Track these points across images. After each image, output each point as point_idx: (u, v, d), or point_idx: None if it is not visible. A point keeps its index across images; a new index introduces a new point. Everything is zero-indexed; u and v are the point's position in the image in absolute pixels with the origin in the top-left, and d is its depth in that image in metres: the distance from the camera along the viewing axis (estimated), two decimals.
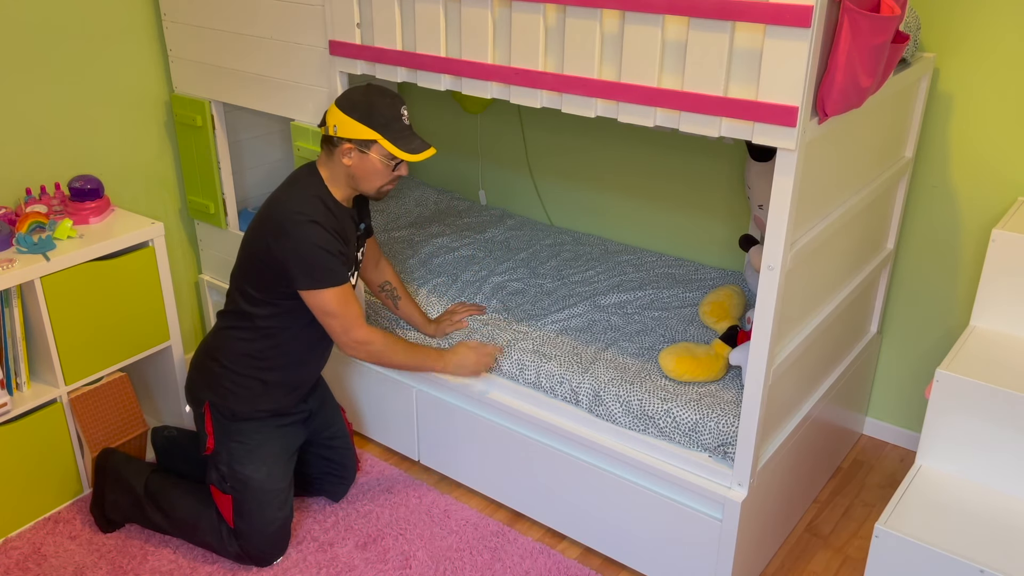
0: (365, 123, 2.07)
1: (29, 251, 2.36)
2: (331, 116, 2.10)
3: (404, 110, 2.12)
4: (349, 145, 2.08)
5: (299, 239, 2.07)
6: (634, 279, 2.75)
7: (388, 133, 2.08)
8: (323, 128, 2.14)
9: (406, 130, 2.11)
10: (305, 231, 2.07)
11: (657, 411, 2.12)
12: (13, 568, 2.30)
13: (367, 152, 2.09)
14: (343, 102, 2.09)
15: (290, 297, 2.15)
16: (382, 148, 2.09)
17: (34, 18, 2.51)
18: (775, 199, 1.75)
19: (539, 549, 2.36)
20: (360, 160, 2.10)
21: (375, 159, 2.10)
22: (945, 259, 2.56)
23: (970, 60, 2.35)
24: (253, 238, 2.17)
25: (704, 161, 2.81)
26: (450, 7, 2.06)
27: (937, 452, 2.03)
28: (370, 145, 2.08)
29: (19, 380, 2.42)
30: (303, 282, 2.09)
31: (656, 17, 1.72)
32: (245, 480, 2.22)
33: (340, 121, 2.08)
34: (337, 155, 2.11)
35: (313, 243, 2.07)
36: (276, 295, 2.16)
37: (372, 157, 2.09)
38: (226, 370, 2.24)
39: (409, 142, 2.10)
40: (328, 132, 2.11)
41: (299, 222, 2.07)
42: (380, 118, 2.07)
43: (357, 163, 2.11)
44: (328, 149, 2.14)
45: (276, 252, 2.09)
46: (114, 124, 2.78)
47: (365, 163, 2.10)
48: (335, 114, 2.09)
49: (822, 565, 2.35)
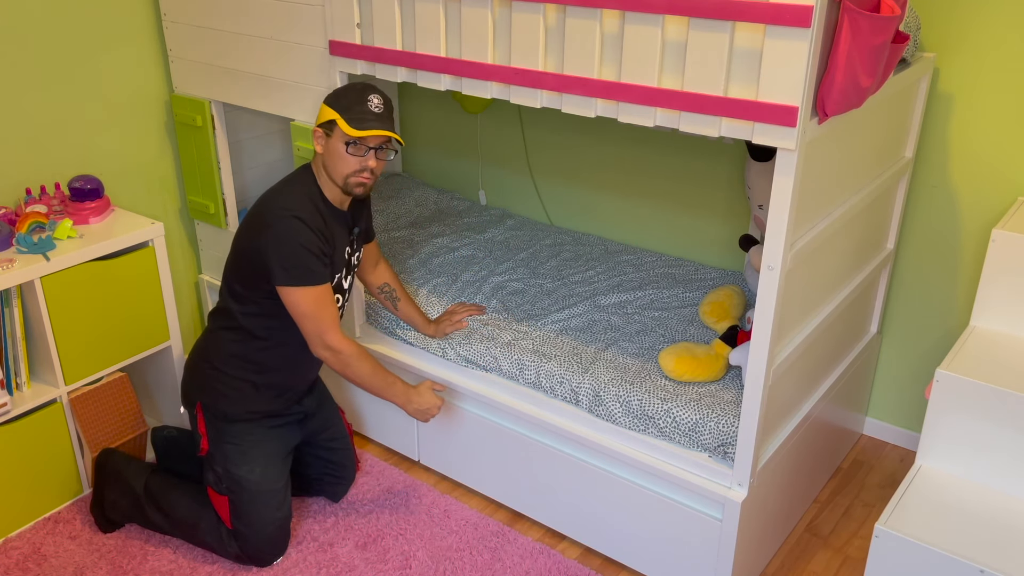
0: (330, 105, 2.08)
1: (29, 251, 2.36)
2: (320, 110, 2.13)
3: (374, 98, 2.09)
4: (318, 129, 2.10)
5: (280, 233, 2.05)
6: (634, 279, 2.75)
7: (347, 114, 2.06)
8: None
9: (367, 114, 2.07)
10: (287, 226, 2.05)
11: (657, 411, 2.12)
12: (13, 568, 2.30)
13: (331, 135, 2.09)
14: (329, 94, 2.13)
15: (274, 296, 2.13)
16: (339, 130, 2.06)
17: (34, 19, 2.51)
18: (775, 199, 1.75)
19: (539, 549, 2.36)
20: (327, 145, 2.10)
21: (335, 142, 2.08)
22: (945, 259, 2.56)
23: (970, 60, 2.35)
24: (241, 235, 2.17)
25: (704, 161, 2.81)
26: (450, 7, 2.06)
27: (937, 452, 2.03)
28: (332, 127, 2.08)
29: (19, 380, 2.42)
30: (279, 277, 2.07)
31: (656, 17, 1.72)
32: (239, 481, 2.22)
33: (320, 110, 2.11)
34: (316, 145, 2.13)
35: (294, 239, 2.05)
36: (262, 293, 2.15)
37: (334, 140, 2.09)
38: (217, 371, 2.24)
39: (363, 122, 2.06)
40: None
41: (282, 216, 2.06)
42: (344, 100, 2.07)
43: (325, 149, 2.11)
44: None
45: (259, 246, 2.08)
46: (114, 124, 2.78)
47: (330, 147, 2.10)
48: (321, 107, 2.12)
49: (822, 565, 2.35)
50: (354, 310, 2.63)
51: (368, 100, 2.08)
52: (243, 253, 2.15)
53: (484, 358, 2.40)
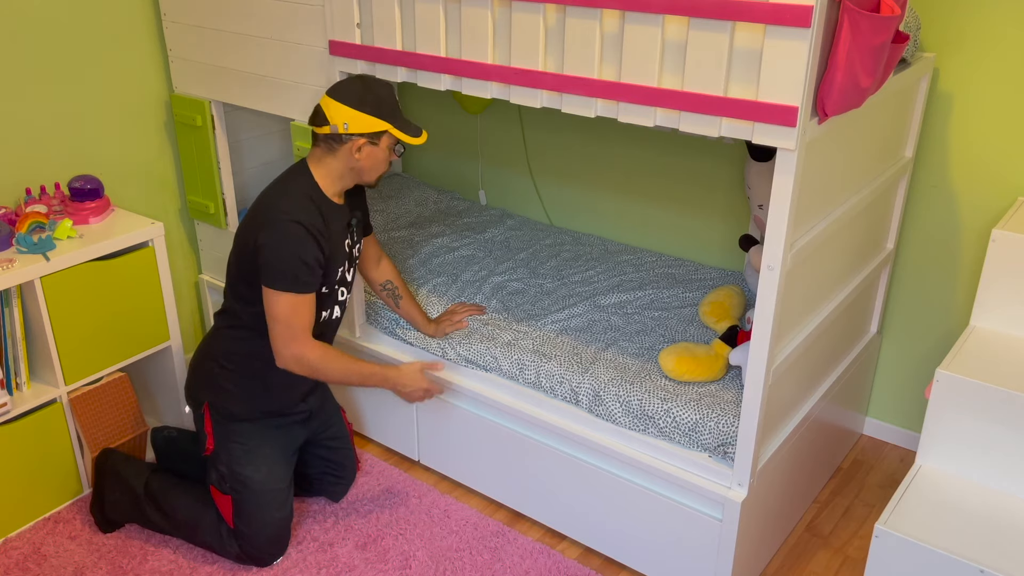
0: (377, 115, 2.08)
1: (29, 251, 2.36)
2: (337, 114, 2.06)
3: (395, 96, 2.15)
4: (362, 140, 2.09)
5: (279, 237, 2.05)
6: (634, 279, 2.75)
7: (396, 121, 2.11)
8: (325, 127, 2.08)
9: (404, 116, 2.16)
10: (286, 230, 2.05)
11: (657, 411, 2.12)
12: (13, 568, 2.30)
13: (377, 144, 2.11)
14: (349, 98, 2.06)
15: None
16: (391, 137, 2.11)
17: (34, 18, 2.51)
18: (775, 199, 1.75)
19: (539, 549, 2.36)
20: (371, 152, 2.11)
21: (383, 149, 2.12)
22: (945, 259, 2.56)
23: (970, 60, 2.35)
24: (242, 235, 2.16)
25: (704, 161, 2.81)
26: (450, 7, 2.06)
27: (937, 452, 2.03)
28: (380, 136, 2.10)
29: (19, 380, 2.42)
30: (265, 276, 2.07)
31: (656, 17, 1.72)
32: (244, 480, 2.22)
33: (351, 118, 2.06)
34: (344, 151, 2.10)
35: (289, 245, 2.05)
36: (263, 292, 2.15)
37: (382, 147, 2.12)
38: (224, 370, 2.24)
39: (409, 127, 2.14)
40: (335, 131, 2.07)
41: (282, 220, 2.06)
42: (387, 108, 2.10)
43: (367, 156, 2.11)
44: (328, 146, 2.11)
45: (258, 245, 2.07)
46: (114, 124, 2.78)
47: (375, 155, 2.12)
48: (342, 111, 2.06)
49: (822, 565, 2.35)
50: (354, 310, 2.63)
51: (397, 101, 2.14)
52: (245, 252, 2.14)
53: (484, 358, 2.40)
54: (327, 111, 2.08)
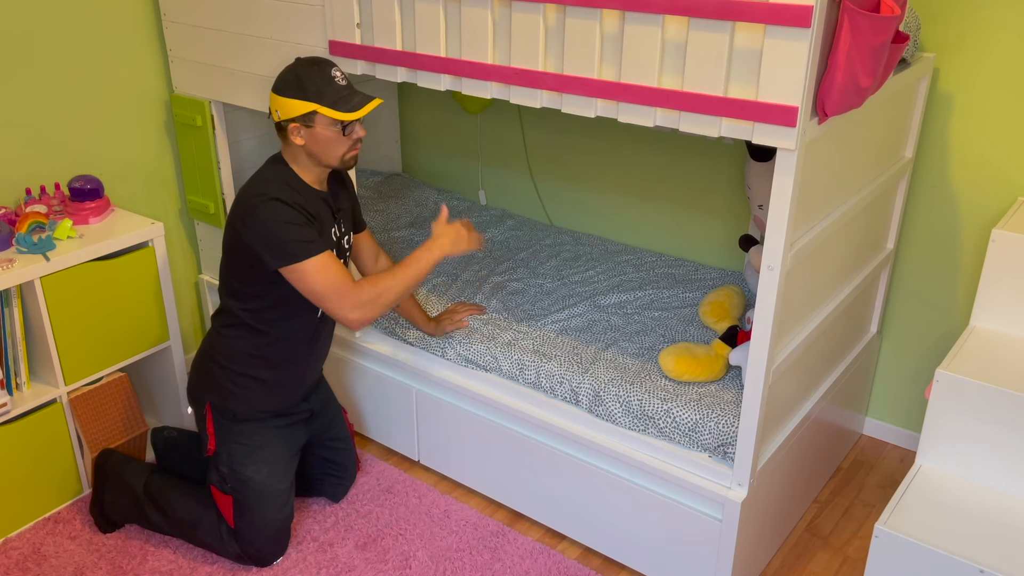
0: (299, 97, 2.05)
1: (29, 251, 2.36)
2: (273, 103, 2.09)
3: (336, 72, 2.09)
4: (295, 124, 2.08)
5: (263, 217, 2.04)
6: (634, 279, 2.76)
7: (323, 100, 2.05)
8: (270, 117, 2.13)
9: (343, 91, 2.08)
10: (267, 208, 2.04)
11: (657, 411, 2.12)
12: (13, 568, 2.30)
13: (312, 125, 2.07)
14: (277, 84, 2.09)
15: (271, 286, 2.12)
16: (324, 117, 2.06)
17: (34, 18, 2.51)
18: (775, 199, 1.75)
19: (539, 549, 2.36)
20: (309, 135, 2.08)
21: (321, 130, 2.08)
22: (945, 259, 2.56)
23: (970, 60, 2.35)
24: (226, 233, 2.16)
25: (704, 161, 2.81)
26: (450, 7, 2.06)
27: (937, 452, 2.03)
28: (312, 117, 2.06)
29: (19, 380, 2.42)
30: (278, 260, 2.04)
31: (656, 17, 1.72)
32: (246, 481, 2.22)
33: (280, 105, 2.07)
34: (289, 138, 2.11)
35: (277, 219, 2.03)
36: (257, 287, 2.14)
37: (318, 129, 2.07)
38: (225, 370, 2.24)
39: (347, 102, 2.07)
40: (274, 119, 2.11)
41: (261, 202, 2.05)
42: (312, 87, 2.05)
43: (308, 139, 2.09)
44: (282, 136, 2.13)
45: (245, 238, 2.07)
46: (114, 124, 2.78)
47: (315, 136, 2.08)
48: (274, 99, 2.08)
49: (822, 565, 2.35)
50: None
51: (333, 77, 2.08)
52: (232, 249, 2.15)
53: (484, 358, 2.40)
54: (270, 103, 2.11)
